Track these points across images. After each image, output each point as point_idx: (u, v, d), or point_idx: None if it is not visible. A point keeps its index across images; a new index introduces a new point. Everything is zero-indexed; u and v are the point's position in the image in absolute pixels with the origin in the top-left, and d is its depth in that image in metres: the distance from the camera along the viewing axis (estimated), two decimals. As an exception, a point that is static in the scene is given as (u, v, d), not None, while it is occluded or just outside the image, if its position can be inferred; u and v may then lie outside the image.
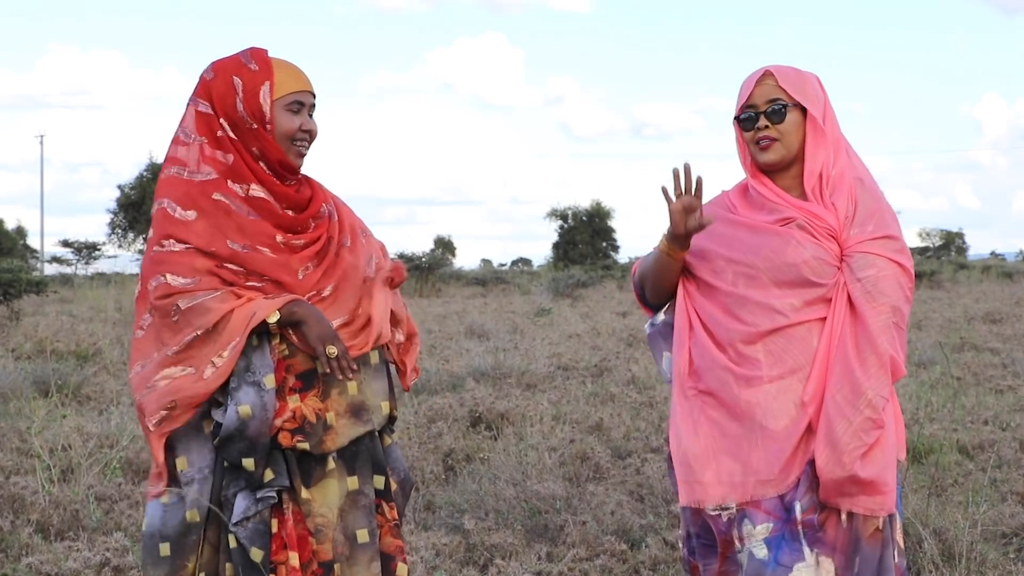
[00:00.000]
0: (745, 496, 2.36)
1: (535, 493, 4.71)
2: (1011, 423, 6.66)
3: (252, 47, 2.43)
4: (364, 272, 2.48)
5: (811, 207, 2.39)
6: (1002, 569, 3.86)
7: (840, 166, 2.42)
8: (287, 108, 2.39)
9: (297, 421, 2.33)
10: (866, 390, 2.30)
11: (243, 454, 2.29)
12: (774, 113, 2.41)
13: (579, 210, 47.67)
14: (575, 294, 23.62)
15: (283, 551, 2.32)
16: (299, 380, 2.36)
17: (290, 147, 2.41)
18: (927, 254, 50.88)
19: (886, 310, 2.33)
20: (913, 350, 9.91)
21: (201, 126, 2.39)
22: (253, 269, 2.35)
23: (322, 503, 2.36)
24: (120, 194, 30.07)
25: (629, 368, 9.05)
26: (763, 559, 2.34)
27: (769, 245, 2.38)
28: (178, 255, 2.33)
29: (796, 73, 2.44)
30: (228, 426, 2.28)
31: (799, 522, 2.34)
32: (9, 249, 42.27)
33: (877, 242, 2.36)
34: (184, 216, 2.35)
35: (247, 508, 2.30)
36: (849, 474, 2.29)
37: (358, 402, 2.40)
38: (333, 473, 2.38)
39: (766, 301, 2.38)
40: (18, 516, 4.50)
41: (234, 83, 2.37)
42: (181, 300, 2.29)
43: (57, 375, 7.79)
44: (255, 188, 2.38)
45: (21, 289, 13.39)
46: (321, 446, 2.35)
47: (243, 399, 2.29)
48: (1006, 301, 19.27)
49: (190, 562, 2.33)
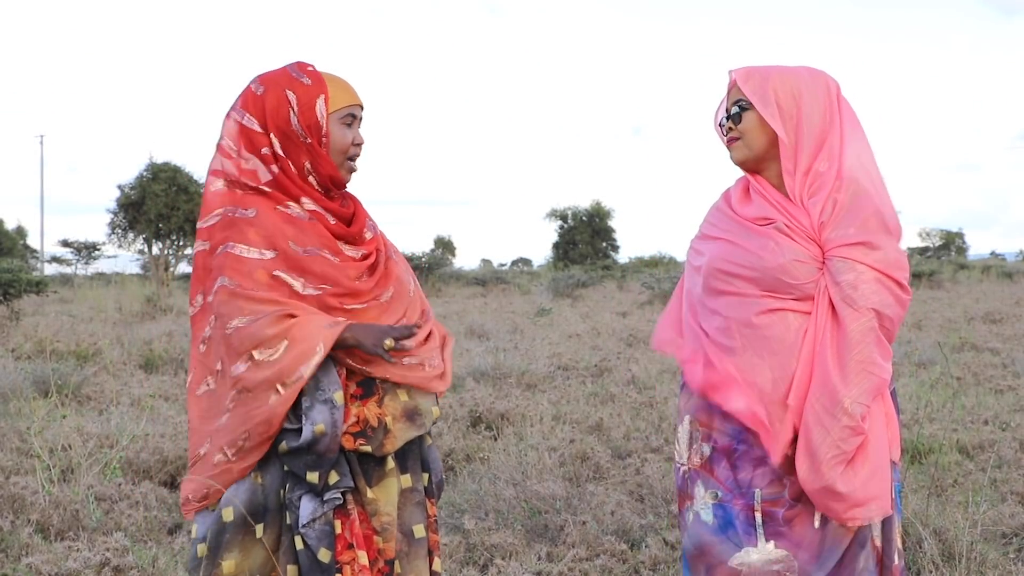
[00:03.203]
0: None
1: (535, 493, 4.71)
2: (1011, 423, 6.66)
3: (298, 61, 2.43)
4: (409, 285, 2.52)
5: (790, 207, 2.39)
6: (1002, 569, 3.86)
7: (831, 164, 2.40)
8: (341, 122, 2.40)
9: (360, 425, 2.36)
10: (843, 398, 2.29)
11: (309, 467, 2.31)
12: (734, 115, 2.46)
13: (579, 210, 47.67)
14: (575, 294, 23.63)
15: (347, 551, 2.34)
16: (360, 387, 2.39)
17: (343, 162, 2.42)
18: (927, 254, 50.88)
19: (867, 314, 2.31)
20: (913, 350, 9.91)
21: (245, 140, 2.38)
22: (314, 272, 2.35)
23: (386, 502, 2.40)
24: (120, 194, 30.00)
25: (629, 368, 9.05)
26: (707, 523, 2.40)
27: (748, 245, 2.39)
28: (236, 259, 2.32)
29: (762, 73, 2.44)
30: (301, 443, 2.29)
31: (756, 509, 2.35)
32: (9, 249, 42.28)
33: (856, 248, 2.32)
34: (244, 215, 2.35)
35: (314, 510, 2.32)
36: (827, 484, 2.28)
37: (412, 407, 2.44)
38: (392, 472, 2.42)
39: (743, 297, 2.39)
40: (18, 516, 4.50)
41: (288, 97, 2.36)
42: (239, 319, 2.29)
43: (57, 375, 7.79)
44: (306, 201, 2.39)
45: (21, 289, 13.38)
46: (381, 448, 2.39)
47: (317, 418, 2.30)
48: (1006, 301, 19.27)
49: (225, 560, 2.33)
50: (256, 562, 2.35)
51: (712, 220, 2.52)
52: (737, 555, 2.36)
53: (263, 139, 2.37)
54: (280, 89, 2.37)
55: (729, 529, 2.37)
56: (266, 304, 2.29)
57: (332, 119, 2.38)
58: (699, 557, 2.42)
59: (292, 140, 2.36)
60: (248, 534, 2.35)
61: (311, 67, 2.42)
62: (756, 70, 2.45)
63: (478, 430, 6.40)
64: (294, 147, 2.37)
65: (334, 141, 2.39)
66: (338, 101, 2.39)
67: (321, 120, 2.37)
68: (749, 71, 2.45)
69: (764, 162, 2.45)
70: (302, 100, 2.36)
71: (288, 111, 2.36)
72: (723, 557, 2.37)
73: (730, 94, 2.48)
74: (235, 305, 2.30)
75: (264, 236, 2.33)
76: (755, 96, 2.41)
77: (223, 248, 2.34)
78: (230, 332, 2.29)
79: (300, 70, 2.40)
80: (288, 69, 2.41)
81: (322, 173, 2.39)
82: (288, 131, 2.36)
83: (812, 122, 2.40)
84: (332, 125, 2.39)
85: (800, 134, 2.40)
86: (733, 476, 2.39)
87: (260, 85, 2.39)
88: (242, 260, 2.32)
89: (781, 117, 2.39)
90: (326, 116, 2.37)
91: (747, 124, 2.43)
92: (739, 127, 2.45)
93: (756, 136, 2.43)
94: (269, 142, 2.36)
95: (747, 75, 2.44)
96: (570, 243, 46.91)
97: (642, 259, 42.46)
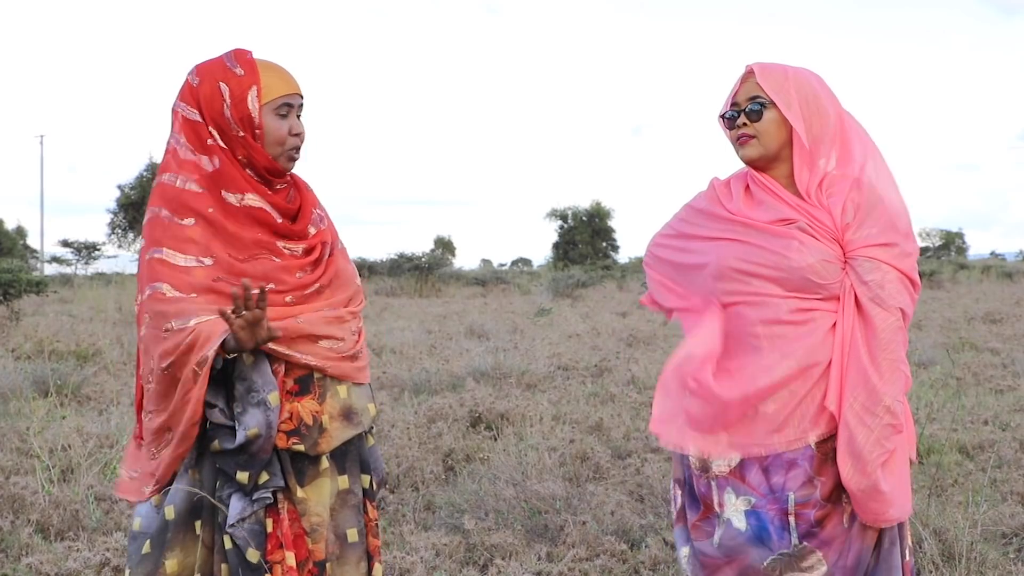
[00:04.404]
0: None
1: (535, 493, 4.70)
2: (1011, 423, 6.66)
3: (236, 48, 2.38)
4: (355, 277, 2.50)
5: (810, 208, 2.37)
6: (1002, 569, 3.85)
7: (843, 166, 2.41)
8: (276, 112, 2.34)
9: (294, 423, 2.33)
10: (883, 395, 2.28)
11: (240, 467, 2.28)
12: (752, 111, 2.41)
13: (579, 210, 47.69)
14: (575, 294, 23.62)
15: (278, 551, 2.31)
16: (296, 384, 2.35)
17: (281, 153, 2.37)
18: (927, 254, 50.91)
19: (895, 313, 2.31)
20: (913, 350, 9.90)
21: (189, 132, 2.34)
22: (256, 276, 2.30)
23: (317, 502, 2.36)
24: (120, 194, 30.05)
25: (629, 368, 9.05)
26: (740, 529, 2.36)
27: (769, 245, 2.37)
28: (172, 267, 2.27)
29: (780, 71, 2.41)
30: (234, 445, 2.26)
31: (791, 513, 2.34)
32: (9, 249, 42.30)
33: (880, 248, 2.33)
34: (183, 223, 2.30)
35: (243, 509, 2.28)
36: (873, 483, 2.28)
37: (348, 405, 2.40)
38: (326, 472, 2.38)
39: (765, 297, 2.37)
40: (18, 516, 4.50)
41: (220, 89, 2.32)
42: (176, 320, 2.23)
43: (57, 375, 7.80)
44: (250, 197, 2.34)
45: (21, 289, 13.37)
46: (316, 448, 2.35)
47: (250, 422, 2.26)
48: (1006, 301, 19.27)
49: (167, 559, 2.31)
50: (196, 559, 2.32)
51: (695, 220, 2.48)
52: (771, 559, 2.34)
53: (205, 130, 2.33)
54: (214, 80, 2.33)
55: (764, 535, 2.34)
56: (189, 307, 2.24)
57: (265, 111, 2.33)
58: (729, 564, 2.39)
59: (227, 132, 2.32)
60: (189, 531, 2.32)
61: (248, 55, 2.36)
62: (776, 67, 2.42)
63: (478, 430, 6.40)
64: (229, 139, 2.33)
65: (268, 133, 2.33)
66: (272, 91, 2.33)
67: (253, 113, 2.31)
68: (769, 67, 2.42)
69: (775, 161, 2.43)
70: (234, 92, 2.31)
71: (221, 103, 2.31)
72: (756, 563, 2.35)
73: (743, 87, 2.43)
74: (164, 310, 2.24)
75: (201, 245, 2.28)
76: (778, 95, 2.38)
77: (153, 252, 2.28)
78: (166, 334, 2.24)
79: (235, 59, 2.34)
80: (224, 58, 2.36)
81: (258, 166, 2.34)
82: (222, 123, 2.32)
83: (829, 123, 2.40)
84: (266, 117, 2.33)
85: (817, 136, 2.39)
86: (766, 481, 2.36)
87: (196, 76, 2.35)
88: (176, 267, 2.26)
89: (802, 118, 2.38)
90: (259, 108, 2.32)
91: (766, 123, 2.40)
92: (755, 124, 2.41)
93: (773, 136, 2.40)
94: (210, 134, 2.33)
95: (767, 72, 2.41)
96: (570, 243, 46.94)
97: (642, 259, 42.39)
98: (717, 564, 2.40)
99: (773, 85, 2.40)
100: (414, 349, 10.94)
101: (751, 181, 2.45)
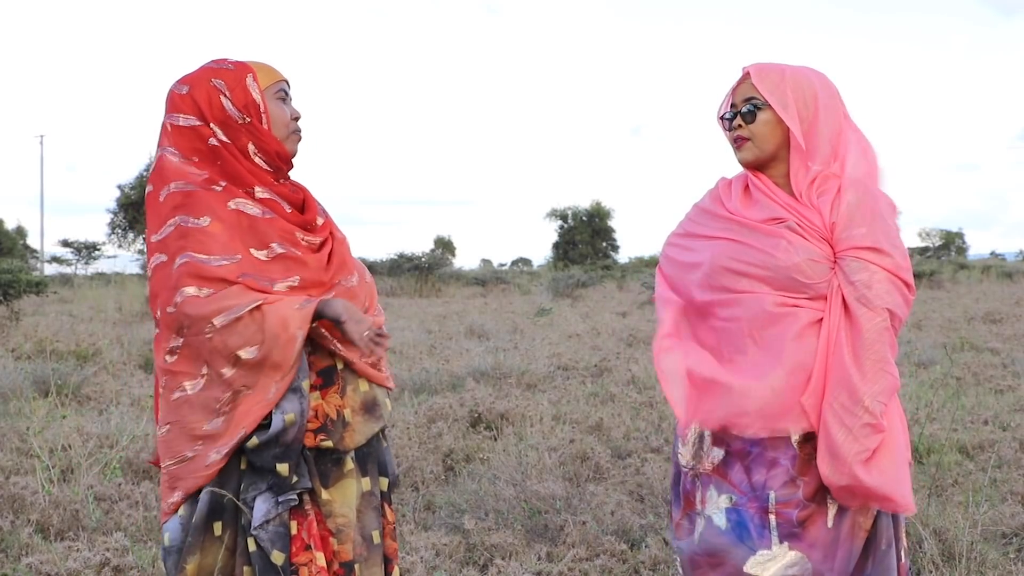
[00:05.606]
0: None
1: (535, 493, 4.71)
2: (1011, 423, 6.66)
3: (212, 59, 2.41)
4: (365, 272, 2.52)
5: (800, 207, 2.38)
6: (1002, 569, 3.85)
7: (836, 167, 2.40)
8: (276, 96, 2.38)
9: (320, 419, 2.33)
10: (863, 395, 2.28)
11: (277, 459, 2.27)
12: (747, 113, 2.42)
13: (579, 210, 47.70)
14: (575, 294, 23.63)
15: (303, 552, 2.31)
16: (320, 377, 2.35)
17: (288, 135, 2.39)
18: (927, 254, 50.90)
19: (881, 314, 2.31)
20: (913, 350, 9.90)
21: (186, 141, 2.33)
22: (280, 270, 2.30)
23: (342, 503, 2.36)
24: (120, 194, 30.07)
25: (629, 368, 9.05)
26: (720, 527, 2.37)
27: (758, 244, 2.37)
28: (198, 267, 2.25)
29: (777, 71, 2.41)
30: (271, 434, 2.25)
31: (771, 511, 2.34)
32: (9, 249, 42.30)
33: (868, 249, 2.32)
34: (197, 224, 2.28)
35: (268, 511, 2.27)
36: (852, 481, 2.28)
37: (370, 398, 2.41)
38: (351, 473, 2.38)
39: (752, 295, 2.38)
40: (18, 516, 4.50)
41: (216, 85, 2.34)
42: (217, 318, 2.22)
43: (57, 375, 7.80)
44: (259, 190, 2.35)
45: (21, 289, 13.38)
46: (342, 442, 2.35)
47: (287, 407, 2.26)
48: (1006, 301, 19.27)
49: (188, 564, 2.30)
50: (216, 561, 2.32)
51: (699, 219, 2.49)
52: (752, 559, 2.35)
53: (207, 130, 2.33)
54: (206, 81, 2.35)
55: (743, 533, 2.35)
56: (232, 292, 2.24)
57: (267, 94, 2.37)
58: (709, 562, 2.40)
59: (231, 126, 2.34)
60: (208, 532, 2.32)
61: (228, 59, 2.40)
62: (772, 68, 2.42)
63: (478, 430, 6.40)
64: (234, 132, 2.34)
65: (274, 115, 2.37)
66: (267, 78, 2.38)
67: (257, 97, 2.35)
68: (765, 68, 2.42)
69: (771, 162, 2.43)
70: (231, 83, 2.34)
71: (220, 99, 2.33)
72: (737, 562, 2.35)
73: (740, 88, 2.44)
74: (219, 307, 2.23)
75: (222, 244, 2.27)
76: (773, 96, 2.38)
77: (182, 258, 2.27)
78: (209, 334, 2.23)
79: (219, 61, 2.39)
80: (206, 65, 2.39)
81: (268, 151, 2.36)
82: (225, 118, 2.33)
83: (826, 124, 2.40)
84: (268, 100, 2.37)
85: (814, 136, 2.39)
86: (748, 479, 2.37)
87: (183, 85, 2.37)
88: (203, 267, 2.25)
89: (799, 118, 2.38)
90: (260, 92, 2.35)
91: (760, 124, 2.40)
92: (750, 127, 2.41)
93: (768, 137, 2.40)
94: (212, 132, 2.33)
95: (763, 73, 2.41)
96: (570, 243, 46.95)
97: (642, 259, 42.49)
98: (699, 563, 2.41)
99: (768, 86, 2.40)
100: (414, 349, 10.94)
101: (749, 181, 2.47)
